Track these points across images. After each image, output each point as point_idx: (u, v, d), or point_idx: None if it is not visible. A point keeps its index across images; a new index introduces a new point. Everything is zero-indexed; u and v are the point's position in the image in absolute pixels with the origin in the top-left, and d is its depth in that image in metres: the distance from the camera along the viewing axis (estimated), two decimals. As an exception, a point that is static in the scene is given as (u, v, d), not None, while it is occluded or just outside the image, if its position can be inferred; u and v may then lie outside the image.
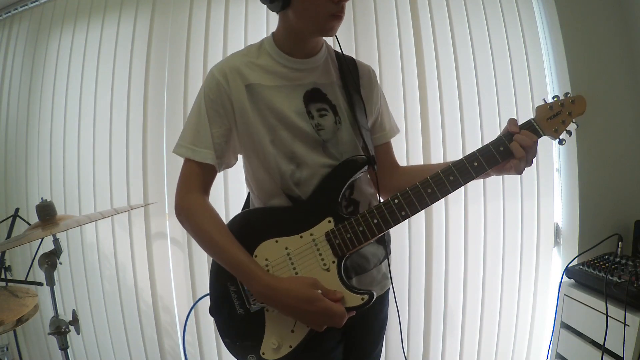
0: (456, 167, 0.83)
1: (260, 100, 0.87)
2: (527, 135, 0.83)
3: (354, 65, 0.98)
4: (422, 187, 0.83)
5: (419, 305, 1.78)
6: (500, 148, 0.83)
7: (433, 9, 1.75)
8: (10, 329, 1.24)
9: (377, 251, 0.97)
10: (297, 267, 0.85)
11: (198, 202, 0.88)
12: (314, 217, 0.86)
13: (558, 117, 0.86)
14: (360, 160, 0.88)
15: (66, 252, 2.05)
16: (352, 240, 0.83)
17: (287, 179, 0.88)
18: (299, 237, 0.86)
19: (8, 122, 2.20)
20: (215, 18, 1.85)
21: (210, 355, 1.92)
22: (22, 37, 2.17)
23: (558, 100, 0.87)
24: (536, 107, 0.88)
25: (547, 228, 1.77)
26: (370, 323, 1.02)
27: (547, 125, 0.86)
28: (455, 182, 0.82)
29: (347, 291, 0.82)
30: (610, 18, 1.67)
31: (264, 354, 0.85)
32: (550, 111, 0.86)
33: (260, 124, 0.87)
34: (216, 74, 0.88)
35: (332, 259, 0.84)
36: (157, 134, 1.91)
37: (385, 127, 1.04)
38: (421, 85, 1.74)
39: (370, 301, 0.81)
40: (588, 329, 1.43)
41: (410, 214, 0.83)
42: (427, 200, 0.83)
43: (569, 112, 0.86)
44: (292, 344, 0.84)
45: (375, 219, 0.83)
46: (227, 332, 0.91)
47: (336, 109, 0.91)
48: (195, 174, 0.89)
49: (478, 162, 0.83)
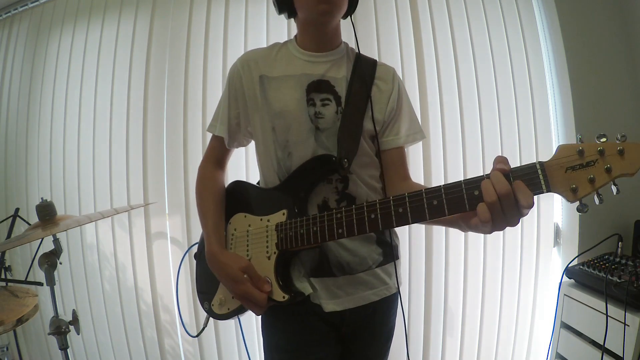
0: (411, 198, 0.68)
1: (269, 90, 0.93)
2: (499, 183, 0.59)
3: (373, 66, 0.98)
4: (367, 209, 0.73)
5: (419, 305, 1.78)
6: (474, 192, 0.62)
7: (433, 9, 1.75)
8: (10, 329, 1.23)
9: (374, 253, 0.93)
10: (250, 246, 0.92)
11: (207, 171, 1.03)
12: (277, 205, 0.90)
13: (587, 171, 0.57)
14: (325, 159, 0.87)
15: (66, 252, 2.05)
16: (291, 239, 0.85)
17: (281, 166, 0.92)
18: (259, 219, 0.92)
19: (8, 122, 2.20)
20: (215, 18, 1.85)
21: (210, 355, 1.92)
22: (22, 37, 2.17)
23: (599, 144, 0.56)
24: (559, 146, 0.60)
25: (547, 228, 1.77)
26: (375, 333, 0.99)
27: (562, 179, 0.58)
28: (403, 215, 0.69)
29: (275, 284, 0.86)
30: (610, 18, 1.67)
31: (213, 305, 0.97)
32: (578, 157, 0.57)
33: (265, 112, 0.93)
34: (238, 63, 0.99)
35: (274, 250, 0.88)
36: (157, 134, 1.91)
37: (399, 132, 0.96)
38: (421, 85, 1.74)
39: (291, 302, 0.84)
40: (588, 329, 1.43)
41: (346, 234, 0.76)
42: (366, 226, 0.73)
43: (607, 167, 0.56)
44: (230, 307, 0.93)
45: (315, 226, 0.81)
46: (198, 276, 1.04)
47: (340, 100, 0.92)
48: (213, 147, 1.04)
49: (438, 201, 0.65)
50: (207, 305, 0.98)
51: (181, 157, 1.87)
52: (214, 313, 0.97)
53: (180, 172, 1.88)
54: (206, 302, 0.99)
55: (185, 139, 1.87)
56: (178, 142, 1.88)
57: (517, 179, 0.60)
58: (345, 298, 0.91)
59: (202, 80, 1.85)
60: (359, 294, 0.92)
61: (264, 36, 1.82)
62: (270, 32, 1.81)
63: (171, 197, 1.92)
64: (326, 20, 0.90)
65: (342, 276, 0.90)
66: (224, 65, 1.84)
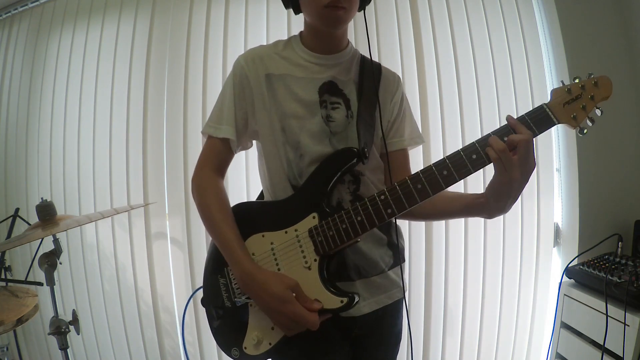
0: (451, 160, 0.76)
1: (277, 89, 0.90)
2: (498, 132, 0.74)
3: (378, 69, 0.99)
4: (412, 182, 0.76)
5: (419, 305, 1.78)
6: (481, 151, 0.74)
7: (433, 9, 1.75)
8: (10, 329, 1.23)
9: (385, 256, 0.94)
10: (280, 263, 0.84)
11: (209, 178, 0.92)
12: (301, 212, 0.84)
13: (578, 102, 0.74)
14: (348, 152, 0.85)
15: (66, 252, 2.05)
16: (334, 238, 0.80)
17: (292, 168, 0.89)
18: (284, 233, 0.84)
19: (8, 122, 2.20)
20: (215, 18, 1.85)
21: (210, 355, 1.92)
22: (22, 37, 2.17)
23: (579, 81, 0.75)
24: (552, 90, 0.77)
25: (547, 228, 1.77)
26: (384, 336, 0.98)
27: (564, 112, 0.74)
28: (449, 177, 0.75)
29: (326, 292, 0.79)
30: (610, 17, 1.67)
31: (246, 348, 0.85)
32: (568, 95, 0.74)
33: (274, 111, 0.90)
34: (242, 61, 0.93)
35: (313, 257, 0.81)
36: (157, 134, 1.91)
37: (403, 135, 0.99)
38: (421, 85, 1.74)
39: (350, 305, 0.78)
40: (588, 329, 1.43)
41: (396, 212, 0.77)
42: (416, 197, 0.76)
43: (590, 96, 0.73)
44: (271, 342, 0.83)
45: (359, 216, 0.79)
46: (215, 323, 0.92)
47: (349, 103, 0.92)
48: (214, 151, 0.93)
49: (478, 154, 0.75)
50: (237, 351, 0.85)
51: (181, 157, 1.87)
52: (248, 357, 0.85)
53: (180, 172, 1.88)
54: (235, 349, 0.86)
55: (185, 139, 1.87)
56: (178, 142, 1.88)
57: (531, 120, 0.75)
58: (362, 303, 0.90)
59: (202, 80, 1.85)
60: (375, 298, 0.92)
61: (264, 36, 1.82)
62: (270, 32, 1.81)
63: (171, 197, 1.91)
64: (334, 26, 0.88)
65: (358, 280, 0.90)
66: (224, 65, 1.83)
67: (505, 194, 0.75)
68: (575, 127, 0.74)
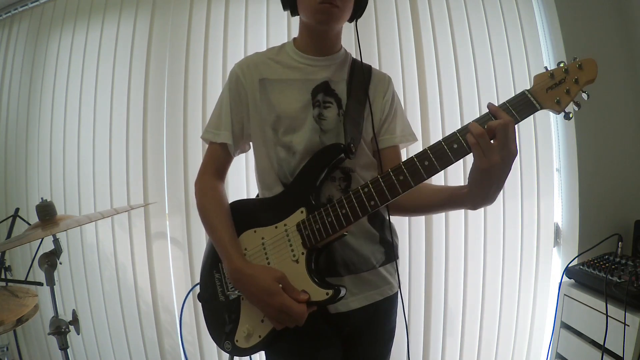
0: (432, 150, 0.76)
1: (270, 92, 0.93)
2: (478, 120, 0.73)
3: (368, 71, 1.01)
4: (394, 174, 0.77)
5: (419, 305, 1.78)
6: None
7: (433, 9, 1.75)
8: (10, 329, 1.23)
9: (377, 252, 0.95)
10: (270, 257, 0.87)
11: (209, 182, 0.97)
12: (290, 207, 0.87)
13: (561, 86, 0.72)
14: (334, 148, 0.87)
15: (66, 252, 2.05)
16: (320, 231, 0.81)
17: (283, 167, 0.91)
18: (274, 228, 0.87)
19: (8, 122, 2.20)
20: (215, 18, 1.85)
21: (210, 354, 1.92)
22: (22, 37, 2.18)
23: (563, 65, 0.73)
24: (534, 76, 0.75)
25: (547, 228, 1.77)
26: (377, 333, 0.99)
27: (547, 97, 0.72)
28: (431, 167, 0.75)
29: (313, 284, 0.81)
30: (610, 18, 1.67)
31: (237, 341, 0.88)
32: (551, 80, 0.72)
33: (267, 113, 0.93)
34: (236, 68, 0.98)
35: (301, 250, 0.83)
36: (157, 134, 1.91)
37: (394, 132, 1.01)
38: (421, 85, 1.74)
39: (335, 297, 0.79)
40: (588, 329, 1.43)
41: (379, 203, 0.78)
42: (398, 188, 0.77)
43: (575, 79, 0.71)
44: (261, 334, 0.85)
45: (344, 209, 0.80)
46: (209, 317, 0.95)
47: (341, 102, 0.94)
48: (214, 156, 0.98)
49: (459, 143, 0.75)
50: (230, 345, 0.88)
51: (181, 157, 1.87)
52: (240, 349, 0.87)
53: (180, 172, 1.88)
54: (227, 342, 0.89)
55: (185, 139, 1.87)
56: (178, 142, 1.88)
57: (512, 106, 0.74)
58: (350, 299, 0.91)
59: (202, 80, 1.85)
60: (364, 294, 0.93)
61: (264, 36, 1.82)
62: (270, 32, 1.81)
63: (171, 197, 1.92)
64: (327, 22, 0.90)
65: (347, 276, 0.91)
66: (224, 65, 1.84)
67: (487, 181, 0.75)
68: (560, 111, 0.73)
